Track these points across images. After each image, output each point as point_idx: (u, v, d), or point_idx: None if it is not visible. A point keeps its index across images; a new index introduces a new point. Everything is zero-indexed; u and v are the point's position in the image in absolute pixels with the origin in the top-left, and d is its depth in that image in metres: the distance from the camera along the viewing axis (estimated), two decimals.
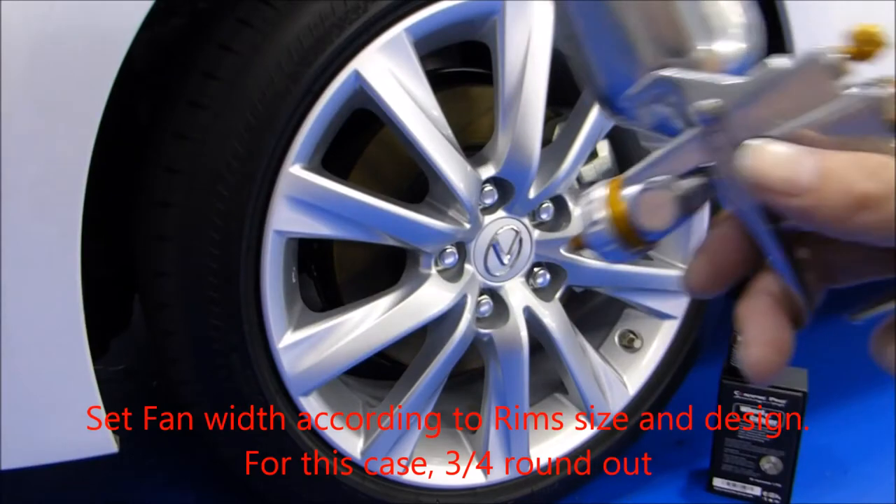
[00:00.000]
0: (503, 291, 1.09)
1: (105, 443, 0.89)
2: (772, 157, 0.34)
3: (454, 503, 1.14)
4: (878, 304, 0.37)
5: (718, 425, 1.26)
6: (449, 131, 0.97)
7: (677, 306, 1.24)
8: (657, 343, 1.25)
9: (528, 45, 0.96)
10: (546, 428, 1.22)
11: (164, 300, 0.90)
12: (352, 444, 1.06)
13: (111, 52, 0.75)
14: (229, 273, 0.89)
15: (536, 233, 1.09)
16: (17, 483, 1.23)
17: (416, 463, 1.12)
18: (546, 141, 1.06)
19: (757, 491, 1.27)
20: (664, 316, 1.24)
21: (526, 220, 1.07)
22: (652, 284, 1.21)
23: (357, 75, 0.89)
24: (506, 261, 1.07)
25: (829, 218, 0.34)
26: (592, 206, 0.40)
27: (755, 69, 0.36)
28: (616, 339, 1.28)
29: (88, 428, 0.87)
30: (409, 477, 1.11)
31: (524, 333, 1.09)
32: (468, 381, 1.31)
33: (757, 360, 0.37)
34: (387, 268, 1.14)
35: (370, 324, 0.99)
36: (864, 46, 0.34)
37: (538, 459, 1.19)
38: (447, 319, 1.05)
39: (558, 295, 1.14)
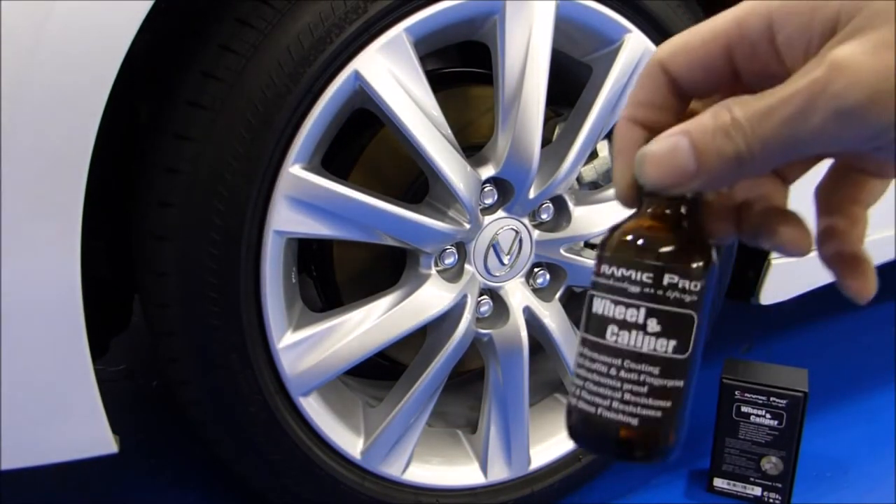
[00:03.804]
0: (503, 292, 1.09)
1: (105, 443, 0.89)
2: (655, 162, 0.40)
3: (454, 503, 1.14)
4: None
5: (719, 425, 1.26)
6: (449, 131, 0.97)
7: None
8: None
9: (528, 45, 0.96)
10: (546, 428, 1.22)
11: (164, 300, 0.90)
12: (352, 444, 1.06)
13: (111, 52, 0.75)
14: (229, 273, 0.89)
15: (536, 233, 1.09)
16: (17, 483, 1.23)
17: (416, 463, 1.12)
18: (546, 141, 1.06)
19: (757, 491, 1.27)
20: None
21: (526, 221, 1.07)
22: None
23: (357, 75, 0.89)
24: (506, 261, 1.07)
25: (721, 182, 0.39)
26: None
27: None
28: None
29: (88, 428, 0.87)
30: (409, 477, 1.11)
31: (524, 333, 1.09)
32: (468, 381, 1.31)
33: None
34: (387, 268, 1.14)
35: (370, 324, 0.99)
36: None
37: (538, 459, 1.19)
38: (447, 320, 1.05)
39: (558, 295, 1.14)
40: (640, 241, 0.43)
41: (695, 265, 0.42)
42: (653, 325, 0.42)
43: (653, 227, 0.43)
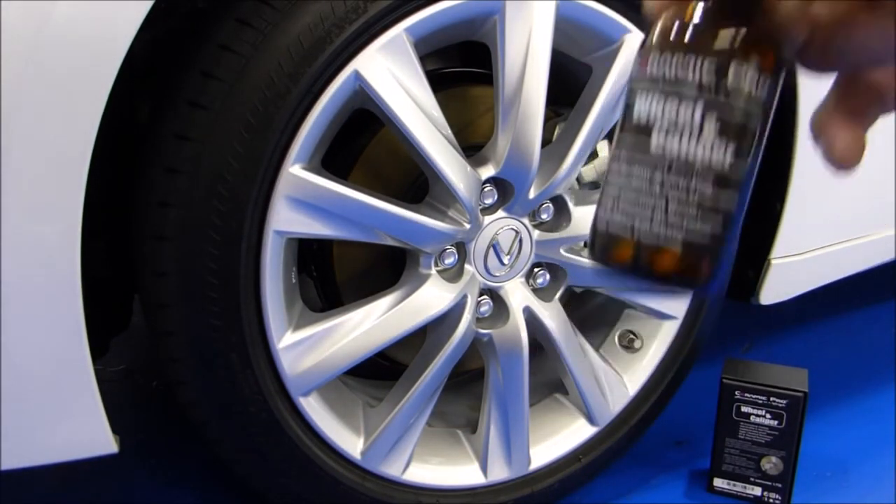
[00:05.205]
0: (503, 292, 1.09)
1: (105, 443, 0.89)
2: None
3: (454, 503, 1.14)
4: None
5: (719, 425, 1.26)
6: (449, 131, 0.97)
7: (677, 306, 1.24)
8: (657, 343, 1.25)
9: (528, 45, 0.96)
10: (546, 428, 1.22)
11: (164, 300, 0.90)
12: (352, 444, 1.06)
13: (111, 52, 0.75)
14: (229, 273, 0.89)
15: (536, 233, 1.09)
16: (17, 483, 1.23)
17: (416, 463, 1.12)
18: (546, 141, 1.06)
19: (757, 491, 1.27)
20: (664, 316, 1.24)
21: (526, 221, 1.07)
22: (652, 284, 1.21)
23: (357, 75, 0.89)
24: (506, 261, 1.07)
25: None
26: None
27: None
28: (616, 339, 1.28)
29: (88, 428, 0.87)
30: (409, 477, 1.11)
31: (524, 334, 1.09)
32: (468, 381, 1.31)
33: None
34: (387, 268, 1.14)
35: (370, 324, 0.99)
36: None
37: (538, 459, 1.19)
38: (447, 320, 1.05)
39: (558, 295, 1.14)
40: (702, 25, 0.35)
41: (767, 57, 0.35)
42: (710, 127, 0.35)
43: (717, 9, 0.35)
